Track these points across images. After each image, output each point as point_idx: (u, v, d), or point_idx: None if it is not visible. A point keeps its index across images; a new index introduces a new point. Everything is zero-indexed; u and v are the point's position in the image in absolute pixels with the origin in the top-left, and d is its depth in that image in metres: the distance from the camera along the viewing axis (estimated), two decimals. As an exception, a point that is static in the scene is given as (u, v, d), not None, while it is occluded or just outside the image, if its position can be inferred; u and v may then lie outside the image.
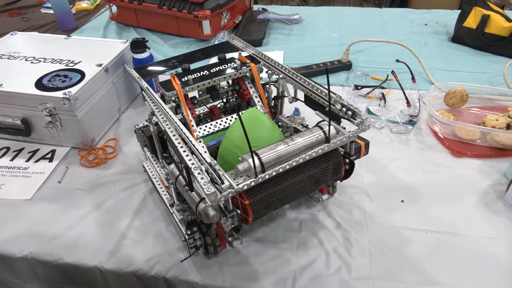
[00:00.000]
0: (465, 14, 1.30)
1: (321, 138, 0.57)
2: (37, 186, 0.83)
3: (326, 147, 0.55)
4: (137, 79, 0.70)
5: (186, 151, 0.53)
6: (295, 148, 0.55)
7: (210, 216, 0.52)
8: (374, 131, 0.95)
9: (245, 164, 0.52)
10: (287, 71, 0.71)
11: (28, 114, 0.88)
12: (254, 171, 0.51)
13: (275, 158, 0.54)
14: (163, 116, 0.62)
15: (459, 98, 0.98)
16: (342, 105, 0.60)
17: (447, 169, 0.84)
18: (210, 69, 0.73)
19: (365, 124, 0.58)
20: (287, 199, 0.58)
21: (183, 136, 0.55)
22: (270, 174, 0.51)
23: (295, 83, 0.69)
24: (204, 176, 0.49)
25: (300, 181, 0.58)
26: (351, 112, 0.59)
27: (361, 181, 0.82)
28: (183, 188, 0.57)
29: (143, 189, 0.82)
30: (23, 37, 1.10)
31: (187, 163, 0.51)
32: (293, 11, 1.55)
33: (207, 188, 0.47)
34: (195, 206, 0.54)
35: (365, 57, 1.25)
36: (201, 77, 0.71)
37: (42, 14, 1.69)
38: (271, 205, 0.56)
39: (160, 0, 1.35)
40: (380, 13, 1.58)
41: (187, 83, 0.68)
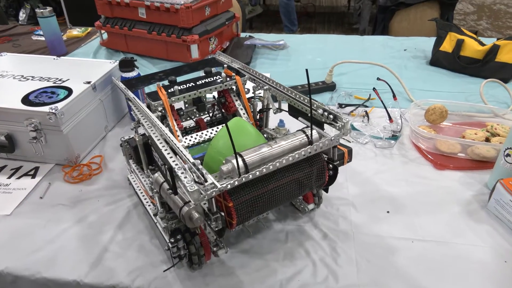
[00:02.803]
0: (441, 39, 1.37)
1: (304, 141, 0.59)
2: (18, 201, 0.81)
3: (309, 149, 0.56)
4: (123, 90, 0.71)
5: (170, 153, 0.54)
6: (279, 150, 0.56)
7: (194, 219, 0.52)
8: (359, 146, 0.97)
9: (229, 165, 0.52)
10: (271, 82, 0.73)
11: (12, 129, 0.88)
12: (238, 171, 0.51)
13: (258, 160, 0.54)
14: (148, 123, 0.63)
15: (439, 114, 1.01)
16: (324, 109, 0.62)
17: (430, 181, 0.86)
18: (196, 82, 0.75)
19: (347, 127, 0.59)
20: (272, 203, 0.58)
21: (167, 138, 0.55)
22: (254, 175, 0.52)
23: (279, 93, 0.71)
24: (188, 175, 0.49)
25: (285, 185, 0.58)
26: (333, 116, 0.61)
27: (346, 193, 0.82)
28: (167, 194, 0.57)
29: (127, 203, 0.81)
30: (12, 58, 1.12)
31: (170, 164, 0.51)
32: (279, 38, 1.60)
33: (190, 186, 0.47)
34: (179, 210, 0.54)
35: (348, 79, 1.29)
36: (187, 88, 0.72)
37: (33, 41, 1.72)
38: (255, 208, 0.56)
39: (150, 26, 1.39)
40: (361, 40, 1.65)
41: (173, 94, 0.70)
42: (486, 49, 1.27)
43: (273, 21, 4.43)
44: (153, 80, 0.76)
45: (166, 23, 1.36)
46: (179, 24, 1.33)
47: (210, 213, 0.53)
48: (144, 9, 1.37)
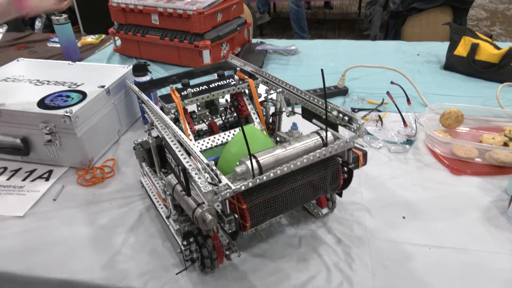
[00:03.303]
0: (455, 43, 1.35)
1: (319, 143, 0.58)
2: (31, 203, 0.82)
3: (324, 151, 0.55)
4: (137, 92, 0.71)
5: (184, 154, 0.53)
6: (293, 152, 0.56)
7: (207, 221, 0.51)
8: (372, 151, 0.95)
9: (243, 166, 0.52)
10: (284, 84, 0.73)
11: (28, 133, 0.89)
12: (252, 173, 0.50)
13: (272, 162, 0.54)
14: (162, 125, 0.63)
15: (455, 119, 0.99)
16: (339, 111, 0.61)
17: (447, 186, 0.84)
18: (209, 85, 0.74)
19: (362, 129, 0.58)
20: (286, 205, 0.57)
21: (180, 140, 0.55)
22: (268, 176, 0.51)
23: (292, 96, 0.71)
24: (202, 176, 0.48)
25: (299, 188, 0.57)
26: (348, 117, 0.60)
27: (361, 198, 0.81)
28: (181, 196, 0.57)
29: (139, 206, 0.81)
30: (28, 63, 1.14)
31: (184, 165, 0.51)
32: (290, 43, 1.60)
33: (204, 187, 0.46)
34: (192, 212, 0.53)
35: (361, 83, 1.28)
36: (200, 91, 0.72)
37: (49, 48, 1.75)
38: (269, 211, 0.55)
39: (162, 32, 1.40)
40: (373, 45, 1.64)
41: (187, 96, 0.70)
42: (502, 53, 1.24)
43: (284, 28, 4.45)
44: (166, 83, 0.77)
45: (179, 29, 1.37)
46: (191, 30, 1.34)
47: (224, 215, 0.52)
48: (157, 15, 1.39)
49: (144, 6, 1.39)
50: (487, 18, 4.76)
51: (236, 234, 0.55)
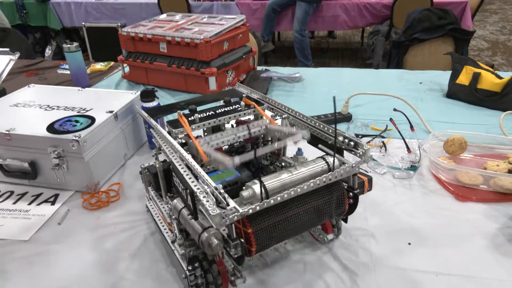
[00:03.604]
0: (457, 72, 1.38)
1: (325, 168, 0.58)
2: (37, 227, 0.82)
3: (330, 176, 0.56)
4: (146, 118, 0.73)
5: (192, 178, 0.54)
6: (299, 177, 0.56)
7: (213, 245, 0.51)
8: (377, 177, 0.95)
9: (250, 190, 0.52)
10: (290, 111, 0.74)
11: (36, 157, 0.90)
12: (261, 196, 0.51)
13: (279, 186, 0.54)
14: (169, 149, 0.64)
15: (458, 146, 0.99)
16: (344, 136, 0.62)
17: (452, 213, 0.83)
18: (216, 110, 0.76)
19: (368, 155, 0.59)
20: (291, 230, 0.57)
21: (188, 163, 0.56)
22: (275, 200, 0.51)
23: (298, 121, 0.72)
24: (210, 199, 0.49)
25: (304, 212, 0.57)
26: (354, 143, 0.61)
27: (366, 224, 0.81)
28: (187, 220, 0.57)
29: (144, 231, 0.81)
30: (39, 89, 1.17)
31: (192, 188, 0.52)
32: (294, 71, 1.64)
33: (212, 210, 0.47)
34: (198, 236, 0.53)
35: (364, 110, 1.29)
36: (206, 116, 0.74)
37: (58, 74, 1.80)
38: (274, 235, 0.55)
39: (170, 60, 1.45)
40: (376, 73, 1.67)
41: (194, 122, 0.71)
42: (504, 82, 1.26)
43: (288, 56, 4.55)
44: (174, 109, 0.78)
45: (186, 56, 1.41)
46: (198, 58, 1.38)
47: (230, 239, 0.52)
48: (165, 43, 1.43)
49: (153, 35, 1.44)
50: (489, 48, 4.85)
51: (242, 259, 0.55)
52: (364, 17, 3.71)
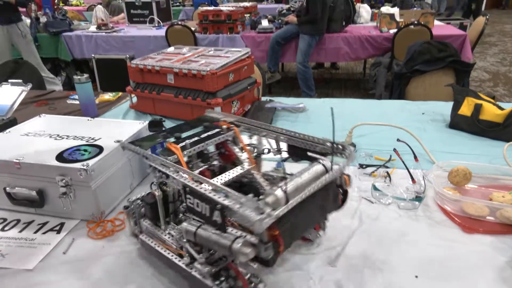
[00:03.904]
0: (458, 104, 1.40)
1: (321, 170, 0.67)
2: (41, 256, 0.82)
3: (328, 176, 0.65)
4: (144, 154, 0.74)
5: (216, 194, 0.59)
6: (306, 179, 0.64)
7: (247, 252, 0.56)
8: (382, 207, 0.95)
9: (272, 196, 0.58)
10: (268, 127, 0.82)
11: (44, 185, 0.92)
12: (286, 199, 0.58)
13: (294, 189, 0.61)
14: (180, 174, 0.66)
15: (463, 176, 1.00)
16: (331, 142, 0.73)
17: (459, 245, 0.82)
18: (200, 135, 0.82)
19: (352, 156, 0.71)
20: (305, 227, 0.68)
21: (209, 183, 0.61)
22: (296, 201, 0.58)
23: (277, 135, 0.81)
24: (246, 208, 0.54)
25: (312, 210, 0.66)
26: (341, 146, 0.72)
27: (371, 255, 0.80)
28: (208, 238, 0.61)
29: (149, 261, 0.80)
30: (49, 118, 1.20)
31: (223, 203, 0.56)
32: (298, 101, 1.67)
33: (254, 217, 0.52)
34: (228, 247, 0.58)
35: (368, 140, 1.31)
36: (194, 141, 0.79)
37: (68, 104, 1.85)
38: (294, 234, 0.63)
39: (177, 90, 1.48)
40: (379, 104, 1.69)
41: (185, 147, 0.76)
42: (506, 113, 1.28)
43: (291, 86, 4.63)
44: (158, 139, 0.82)
45: (192, 87, 1.45)
46: (204, 89, 1.42)
47: (262, 243, 0.57)
48: (172, 75, 1.48)
49: (161, 67, 1.48)
50: (490, 79, 4.92)
51: (274, 260, 0.59)
52: (366, 49, 3.81)
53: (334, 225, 0.85)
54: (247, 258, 0.55)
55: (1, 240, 0.88)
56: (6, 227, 0.92)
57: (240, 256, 0.56)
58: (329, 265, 0.77)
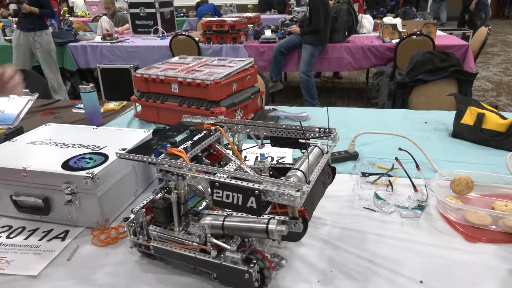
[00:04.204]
0: (461, 113, 1.40)
1: (318, 152, 0.79)
2: (46, 263, 0.83)
3: (327, 156, 0.79)
4: (153, 161, 0.76)
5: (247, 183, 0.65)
6: (312, 160, 0.75)
7: (283, 229, 0.65)
8: (384, 216, 0.95)
9: (294, 177, 0.68)
10: (251, 123, 0.90)
11: (50, 193, 0.93)
12: (308, 179, 0.69)
13: (306, 169, 0.71)
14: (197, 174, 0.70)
15: (465, 185, 1.00)
16: (319, 128, 0.85)
17: (462, 254, 0.82)
18: (192, 139, 0.85)
19: (337, 137, 0.84)
20: (317, 202, 0.77)
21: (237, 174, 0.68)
22: (314, 178, 0.69)
23: (261, 129, 0.89)
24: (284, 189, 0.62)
25: (320, 186, 0.78)
26: (328, 130, 0.83)
27: (373, 262, 0.80)
28: (240, 225, 0.68)
29: (152, 268, 0.81)
30: (56, 127, 1.22)
31: (260, 188, 0.63)
32: (301, 110, 1.68)
33: (295, 193, 0.61)
34: (265, 228, 0.66)
35: (371, 149, 1.31)
36: (192, 144, 0.83)
37: (73, 113, 1.87)
38: (311, 208, 0.72)
39: (181, 99, 1.50)
40: (381, 113, 1.70)
41: (187, 150, 0.79)
42: (509, 122, 1.28)
43: (294, 95, 4.66)
44: (155, 146, 0.84)
45: (196, 96, 1.47)
46: (208, 98, 1.43)
47: (294, 219, 0.66)
48: (176, 84, 1.50)
49: (166, 77, 1.50)
50: (493, 89, 4.92)
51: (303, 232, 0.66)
52: (369, 59, 3.83)
53: (332, 231, 0.86)
54: (284, 233, 0.64)
55: (7, 247, 0.88)
56: (11, 234, 0.93)
57: (276, 234, 0.64)
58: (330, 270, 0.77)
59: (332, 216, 0.96)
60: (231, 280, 0.73)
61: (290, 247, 0.85)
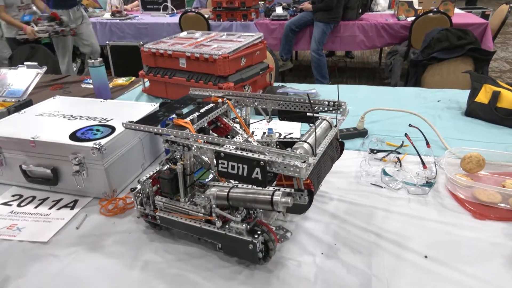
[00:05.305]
0: (476, 91, 1.36)
1: (326, 125, 0.78)
2: (55, 230, 0.85)
3: (336, 130, 0.77)
4: (159, 131, 0.75)
5: (254, 154, 0.64)
6: (320, 133, 0.75)
7: (288, 201, 0.64)
8: (391, 192, 0.94)
9: (301, 149, 0.67)
10: (259, 96, 0.89)
11: (58, 164, 0.94)
12: (315, 152, 0.67)
13: (313, 142, 0.69)
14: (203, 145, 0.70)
15: (476, 163, 0.98)
16: (327, 101, 0.83)
17: (470, 231, 0.81)
18: (198, 111, 0.84)
19: (347, 110, 0.82)
20: (324, 175, 0.76)
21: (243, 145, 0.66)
22: (321, 150, 0.67)
23: (269, 102, 0.88)
24: (291, 160, 0.61)
25: (327, 160, 0.77)
26: (337, 103, 0.81)
27: (378, 238, 0.80)
28: (244, 196, 0.68)
29: (159, 238, 0.82)
30: (64, 100, 1.22)
31: (265, 160, 0.62)
32: (311, 87, 1.66)
33: (300, 164, 0.60)
34: (270, 200, 0.65)
35: (380, 126, 1.29)
36: (199, 116, 0.81)
37: (82, 88, 1.87)
38: (317, 181, 0.71)
39: (189, 75, 1.49)
40: (393, 91, 1.67)
41: (193, 121, 0.78)
42: (524, 101, 1.24)
43: (305, 75, 4.59)
44: (161, 117, 0.84)
45: (204, 71, 1.45)
46: (216, 73, 1.42)
47: (299, 191, 0.65)
48: (184, 59, 1.48)
49: (174, 51, 1.49)
50: (511, 70, 4.77)
51: (309, 204, 0.66)
52: (382, 38, 3.73)
53: (339, 206, 0.85)
54: (289, 205, 0.63)
55: (18, 215, 0.90)
56: (22, 203, 0.95)
57: (281, 206, 0.63)
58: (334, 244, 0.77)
59: (339, 191, 0.95)
60: (235, 250, 0.74)
61: (295, 221, 0.85)
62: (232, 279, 0.71)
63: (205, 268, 0.74)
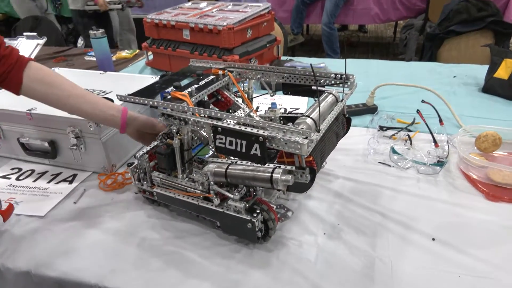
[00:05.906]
0: (495, 66, 1.28)
1: (331, 99, 0.73)
2: (53, 204, 0.83)
3: (342, 104, 0.73)
4: (154, 104, 0.72)
5: (254, 129, 0.61)
6: (325, 108, 0.70)
7: (288, 179, 0.60)
8: (399, 171, 0.90)
9: (304, 124, 0.63)
10: (262, 68, 0.84)
11: (56, 137, 0.92)
12: (318, 127, 0.63)
13: (317, 117, 0.65)
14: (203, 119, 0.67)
15: (492, 142, 0.92)
16: (335, 73, 0.77)
17: (481, 213, 0.77)
18: (198, 83, 0.79)
19: (354, 83, 0.77)
20: (328, 152, 0.73)
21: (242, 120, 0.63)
22: (325, 126, 0.64)
23: (273, 75, 0.83)
24: (291, 135, 0.58)
25: (331, 137, 0.73)
26: (345, 76, 0.75)
27: (385, 218, 0.76)
28: (242, 174, 0.64)
29: (156, 214, 0.80)
30: (62, 71, 1.19)
31: (264, 135, 0.59)
32: (320, 61, 1.59)
33: (303, 140, 0.57)
34: (269, 178, 0.61)
35: (391, 102, 1.23)
36: (197, 88, 0.77)
37: (85, 61, 1.84)
38: (321, 159, 0.68)
39: (193, 47, 1.44)
40: (406, 65, 1.59)
41: (191, 94, 0.74)
42: (547, 76, 1.17)
43: (316, 50, 4.47)
44: (158, 89, 0.80)
45: (209, 43, 1.40)
46: (220, 45, 1.36)
47: (301, 168, 0.61)
48: (188, 30, 1.42)
49: (177, 22, 1.43)
50: (531, 44, 4.56)
51: (311, 182, 0.62)
52: (398, 10, 3.58)
53: (344, 185, 0.82)
54: (289, 183, 0.60)
55: (16, 189, 0.89)
56: (21, 176, 0.94)
57: (281, 184, 0.60)
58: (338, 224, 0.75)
59: (345, 169, 0.91)
60: (234, 229, 0.71)
61: (298, 199, 0.82)
62: (230, 258, 0.69)
63: (203, 246, 0.71)
